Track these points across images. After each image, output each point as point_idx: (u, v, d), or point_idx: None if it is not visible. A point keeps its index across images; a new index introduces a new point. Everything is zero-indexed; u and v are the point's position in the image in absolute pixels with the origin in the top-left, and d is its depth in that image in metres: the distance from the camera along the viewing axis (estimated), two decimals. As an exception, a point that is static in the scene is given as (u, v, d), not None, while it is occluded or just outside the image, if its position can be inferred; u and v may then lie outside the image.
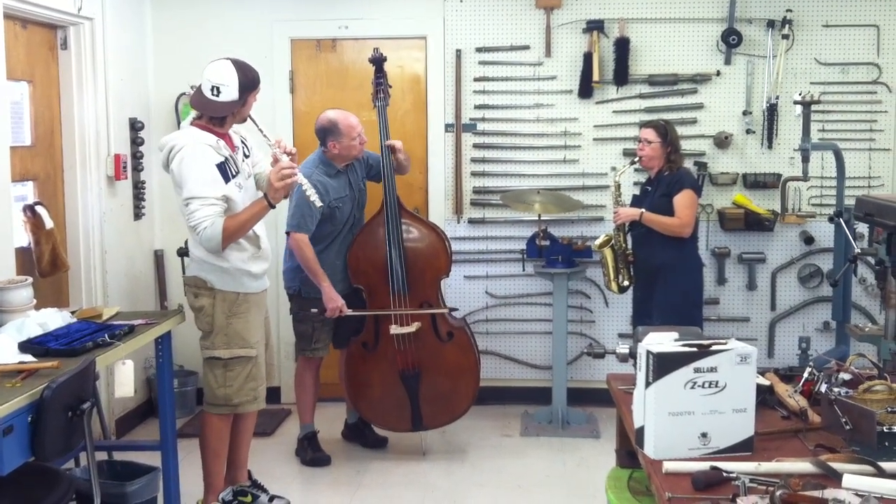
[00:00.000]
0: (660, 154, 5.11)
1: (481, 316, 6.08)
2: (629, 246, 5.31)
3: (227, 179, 3.94)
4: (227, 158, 3.98)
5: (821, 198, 5.84)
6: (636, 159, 5.25)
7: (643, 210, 5.10)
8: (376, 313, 5.04)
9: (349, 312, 4.95)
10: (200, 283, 4.10)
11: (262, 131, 4.04)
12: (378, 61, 5.15)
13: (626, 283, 5.33)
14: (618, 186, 5.36)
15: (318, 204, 4.11)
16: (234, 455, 4.44)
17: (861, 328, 4.46)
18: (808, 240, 5.85)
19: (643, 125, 5.29)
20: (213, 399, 4.18)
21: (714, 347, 2.53)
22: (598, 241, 5.35)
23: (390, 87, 5.20)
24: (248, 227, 3.97)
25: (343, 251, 5.02)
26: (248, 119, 4.09)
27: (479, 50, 5.94)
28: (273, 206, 3.94)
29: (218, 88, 3.90)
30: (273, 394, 6.04)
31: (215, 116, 3.98)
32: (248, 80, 3.97)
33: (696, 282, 5.18)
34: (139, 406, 5.83)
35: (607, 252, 5.29)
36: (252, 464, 5.07)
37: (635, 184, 5.75)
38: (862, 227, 5.38)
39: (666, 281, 5.06)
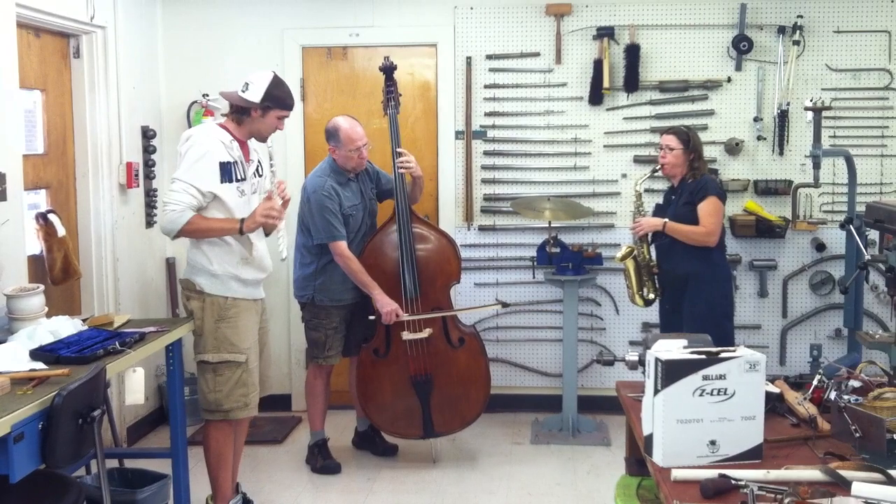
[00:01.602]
0: (682, 161, 4.93)
1: (492, 323, 6.08)
2: (653, 257, 5.13)
3: (228, 180, 4.03)
4: (235, 161, 4.06)
5: (832, 204, 5.82)
6: (657, 167, 5.07)
7: (666, 220, 4.92)
8: (425, 317, 5.03)
9: (406, 317, 4.96)
10: (191, 286, 4.17)
11: (272, 165, 4.23)
12: (388, 69, 5.16)
13: (651, 296, 5.12)
14: (639, 196, 5.18)
15: (283, 256, 4.25)
16: None
17: (871, 335, 4.43)
18: (820, 247, 5.82)
19: (664, 132, 5.07)
20: (206, 405, 4.21)
21: (723, 355, 2.53)
22: (619, 254, 5.13)
23: (401, 95, 5.21)
24: (208, 234, 4.06)
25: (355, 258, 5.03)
26: (268, 152, 4.22)
27: (489, 57, 5.95)
28: (242, 233, 4.05)
29: (247, 85, 4.07)
30: (284, 401, 6.08)
31: (233, 105, 4.12)
32: (276, 95, 4.08)
33: (724, 291, 4.97)
34: (151, 413, 5.85)
35: (629, 264, 5.08)
36: (262, 471, 5.10)
37: (647, 191, 5.75)
38: (873, 234, 5.36)
39: (693, 292, 4.87)
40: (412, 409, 5.11)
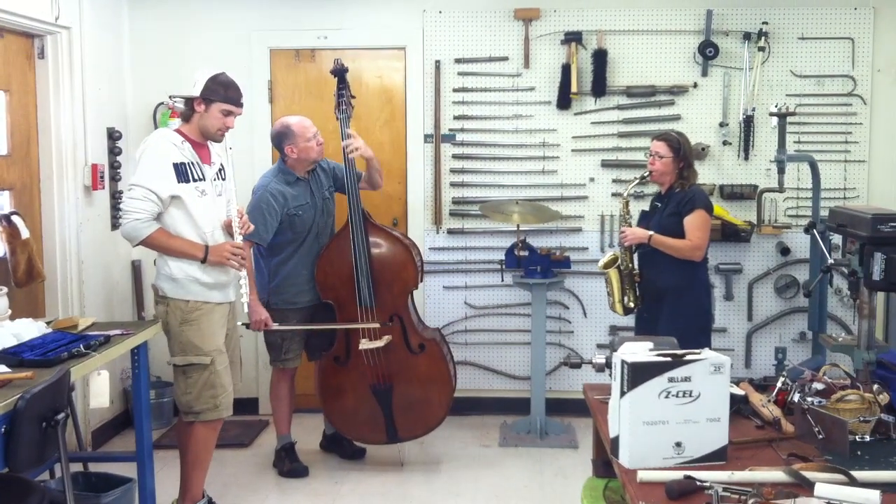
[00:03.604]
0: (671, 169, 4.79)
1: (460, 326, 6.09)
2: (636, 266, 5.01)
3: (185, 180, 4.07)
4: (191, 162, 4.12)
5: (797, 209, 5.88)
6: (646, 174, 4.93)
7: (652, 233, 4.78)
8: (308, 328, 5.02)
9: (275, 327, 4.89)
10: (156, 290, 4.23)
11: (233, 196, 4.31)
12: (340, 72, 5.08)
13: (631, 304, 4.98)
14: (626, 204, 5.06)
15: (245, 300, 4.25)
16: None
17: (834, 338, 4.46)
18: (785, 251, 5.88)
19: (655, 137, 4.94)
20: (180, 406, 4.25)
21: (688, 357, 2.55)
22: (602, 262, 5.05)
23: (353, 97, 5.14)
24: (169, 253, 4.12)
25: (308, 260, 4.99)
26: (228, 155, 4.29)
27: (458, 61, 5.95)
28: (204, 262, 4.12)
29: (194, 82, 4.15)
30: (251, 405, 6.04)
31: (185, 104, 4.20)
32: (213, 87, 4.14)
33: (703, 306, 4.89)
34: (116, 417, 5.79)
35: (612, 273, 4.95)
36: (229, 475, 5.08)
37: (614, 194, 5.79)
38: (837, 238, 5.43)
39: (672, 304, 4.77)
40: (375, 416, 5.08)
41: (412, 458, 5.35)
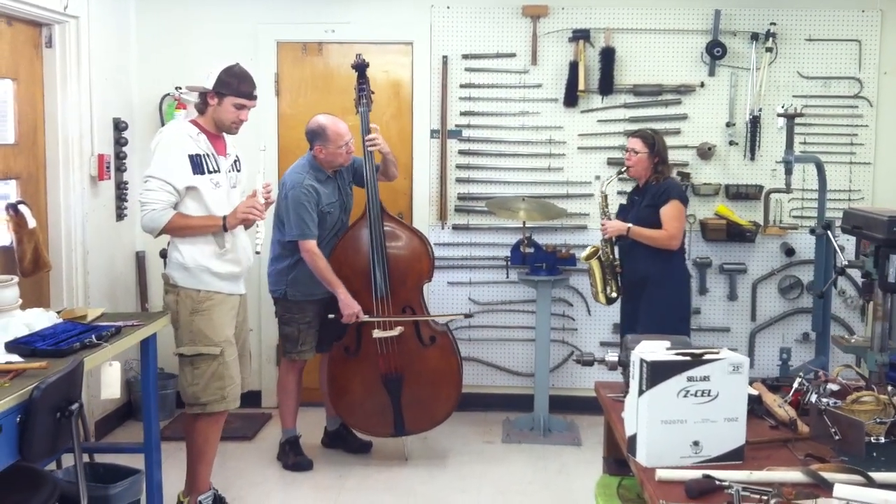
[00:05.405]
0: (647, 164, 5.03)
1: (464, 322, 6.07)
2: (617, 257, 5.21)
3: (200, 172, 4.07)
4: (206, 154, 4.11)
5: (802, 210, 5.89)
6: (623, 169, 5.18)
7: (630, 225, 5.00)
8: (388, 319, 5.02)
9: (365, 318, 4.94)
10: (167, 279, 4.22)
11: (261, 171, 4.26)
12: (361, 67, 5.12)
13: (614, 294, 5.22)
14: (604, 198, 5.27)
15: (258, 250, 4.22)
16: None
17: (847, 339, 4.49)
18: (789, 251, 5.90)
19: (630, 135, 5.20)
20: (186, 398, 4.23)
21: (707, 357, 2.56)
22: (584, 254, 5.25)
23: (373, 92, 5.18)
24: (190, 233, 4.11)
25: (326, 253, 5.00)
26: (259, 175, 4.25)
27: (465, 57, 5.95)
28: (226, 230, 4.11)
29: (208, 74, 4.15)
30: (254, 398, 6.03)
31: (199, 96, 4.21)
32: (226, 80, 4.13)
33: (682, 295, 5.08)
34: (119, 408, 5.78)
35: (594, 264, 5.19)
36: (232, 468, 5.08)
37: (619, 193, 5.79)
38: (843, 240, 5.43)
39: (652, 294, 4.97)
40: (383, 408, 5.09)
41: (417, 453, 5.35)
